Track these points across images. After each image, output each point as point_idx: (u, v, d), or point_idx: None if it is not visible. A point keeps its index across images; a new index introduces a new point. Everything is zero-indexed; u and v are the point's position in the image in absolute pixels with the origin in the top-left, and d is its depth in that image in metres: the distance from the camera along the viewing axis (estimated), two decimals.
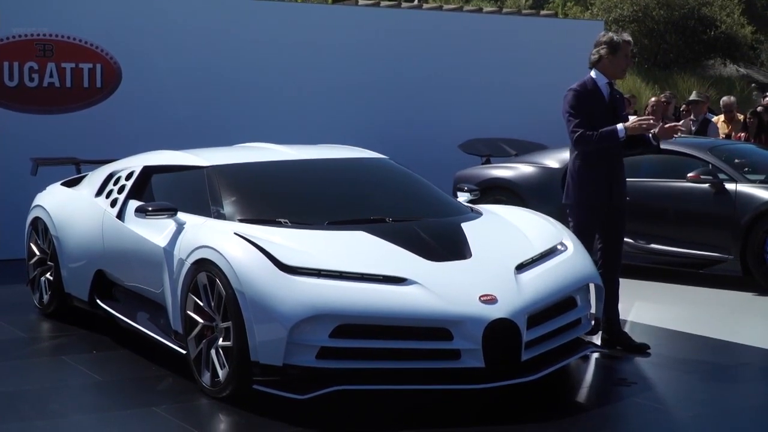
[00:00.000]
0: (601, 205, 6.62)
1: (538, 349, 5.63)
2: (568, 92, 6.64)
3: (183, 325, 5.95)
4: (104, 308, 7.14)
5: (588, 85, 6.65)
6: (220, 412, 5.50)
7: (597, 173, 6.59)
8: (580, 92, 6.61)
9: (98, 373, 6.33)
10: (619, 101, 6.74)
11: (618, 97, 6.74)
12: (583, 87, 6.64)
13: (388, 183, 7.08)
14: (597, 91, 6.61)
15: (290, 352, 5.31)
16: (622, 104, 6.82)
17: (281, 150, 7.21)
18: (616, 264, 6.70)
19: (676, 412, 5.70)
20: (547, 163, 10.36)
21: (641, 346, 6.61)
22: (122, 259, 6.92)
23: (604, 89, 6.64)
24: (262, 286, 5.40)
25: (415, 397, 5.59)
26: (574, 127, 6.55)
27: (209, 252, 5.73)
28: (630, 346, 6.61)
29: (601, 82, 6.64)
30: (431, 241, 5.94)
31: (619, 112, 6.68)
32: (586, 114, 6.56)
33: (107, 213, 7.17)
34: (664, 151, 9.64)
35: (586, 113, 6.56)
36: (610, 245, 6.68)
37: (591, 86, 6.63)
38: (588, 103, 6.57)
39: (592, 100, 6.58)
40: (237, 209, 6.33)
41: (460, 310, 5.39)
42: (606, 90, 6.64)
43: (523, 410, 5.52)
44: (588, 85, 6.65)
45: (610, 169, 6.63)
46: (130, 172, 7.33)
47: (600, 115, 6.56)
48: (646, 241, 9.57)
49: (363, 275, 5.51)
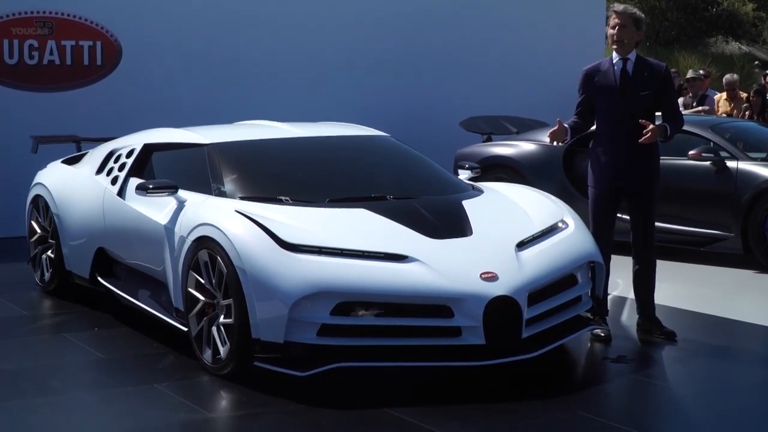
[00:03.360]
0: (611, 189, 6.47)
1: (539, 327, 5.63)
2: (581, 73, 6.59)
3: (184, 303, 5.96)
4: (105, 286, 7.15)
5: (604, 64, 6.52)
6: (221, 389, 5.51)
7: (603, 157, 6.46)
8: (587, 73, 6.53)
9: (99, 351, 6.34)
10: (641, 78, 6.40)
11: (645, 75, 6.41)
12: (594, 67, 6.54)
13: (389, 160, 7.07)
14: (609, 70, 6.46)
15: (291, 330, 5.32)
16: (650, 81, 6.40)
17: (282, 127, 7.20)
18: (646, 250, 6.56)
19: (676, 389, 5.71)
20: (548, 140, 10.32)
21: (670, 333, 6.52)
22: (123, 236, 6.92)
23: (617, 67, 6.45)
24: (263, 263, 5.40)
25: (416, 374, 5.60)
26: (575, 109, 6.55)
27: (210, 229, 5.73)
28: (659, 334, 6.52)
29: (615, 60, 6.48)
30: (432, 219, 5.94)
31: (631, 91, 6.38)
32: (591, 95, 6.49)
33: (108, 191, 7.17)
34: None
35: (589, 94, 6.49)
36: (637, 231, 6.54)
37: (606, 66, 6.50)
38: (594, 84, 6.47)
39: (602, 80, 6.45)
40: (238, 187, 6.32)
41: (461, 287, 5.40)
42: (619, 68, 6.45)
43: (523, 387, 5.53)
44: (604, 64, 6.52)
45: (621, 154, 6.41)
46: (131, 149, 7.33)
47: (605, 95, 6.44)
48: None
49: (364, 253, 5.52)
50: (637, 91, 6.42)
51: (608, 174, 6.47)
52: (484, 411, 5.12)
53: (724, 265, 9.20)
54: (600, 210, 6.53)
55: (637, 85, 6.42)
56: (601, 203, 6.53)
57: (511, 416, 5.07)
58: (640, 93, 6.41)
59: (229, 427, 5.12)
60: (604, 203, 6.53)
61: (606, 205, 6.53)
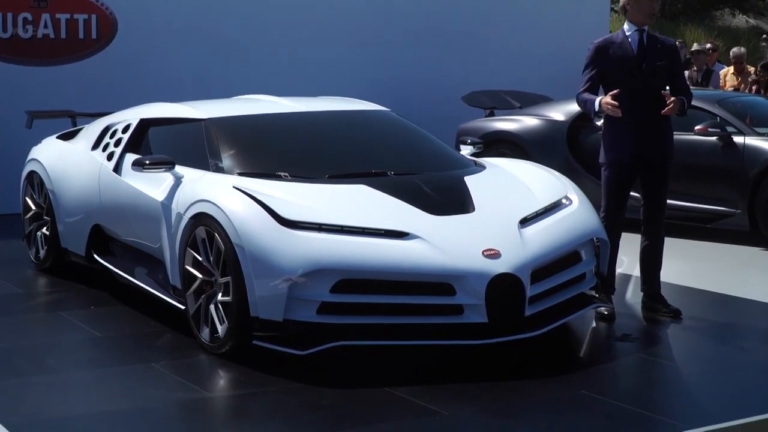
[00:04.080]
0: (632, 162, 6.45)
1: (542, 305, 5.63)
2: (589, 47, 6.49)
3: (181, 280, 5.95)
4: (101, 263, 7.15)
5: (617, 37, 6.47)
6: (219, 368, 5.51)
7: (622, 130, 6.41)
8: (599, 46, 6.45)
9: (96, 329, 6.34)
10: (652, 51, 6.42)
11: (659, 47, 6.44)
12: (606, 40, 6.48)
13: (390, 136, 7.05)
14: (624, 42, 6.42)
15: (290, 308, 5.32)
16: (658, 54, 6.43)
17: (281, 102, 7.17)
18: (657, 226, 6.56)
19: (682, 368, 5.72)
20: (552, 115, 10.32)
21: (676, 311, 6.51)
22: (119, 213, 6.91)
23: (633, 39, 6.42)
24: (262, 240, 5.39)
25: (417, 353, 5.59)
26: (581, 85, 6.48)
27: (208, 206, 5.72)
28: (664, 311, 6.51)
29: (630, 32, 6.44)
30: (434, 195, 5.93)
31: (649, 63, 6.38)
32: (606, 70, 6.41)
33: (104, 166, 7.15)
34: None
35: (605, 69, 6.41)
36: (650, 206, 6.53)
37: (619, 38, 6.44)
38: (610, 57, 6.40)
39: (617, 53, 6.40)
40: (236, 162, 6.30)
41: (463, 264, 5.39)
42: (635, 39, 6.42)
43: (526, 366, 5.53)
44: (617, 37, 6.47)
45: (643, 126, 6.37)
46: (127, 125, 7.30)
47: (623, 68, 6.38)
48: None
49: (364, 229, 5.51)
50: (654, 61, 6.42)
51: (630, 146, 6.42)
52: (486, 390, 5.12)
53: (730, 242, 9.20)
54: (617, 184, 6.49)
55: (654, 56, 6.43)
56: (618, 177, 6.48)
57: (514, 395, 5.07)
58: (656, 63, 6.42)
59: (227, 406, 5.12)
60: (622, 177, 6.48)
61: (623, 180, 6.49)
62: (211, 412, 5.02)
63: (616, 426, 4.69)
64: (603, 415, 4.83)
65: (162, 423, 4.86)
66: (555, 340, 5.90)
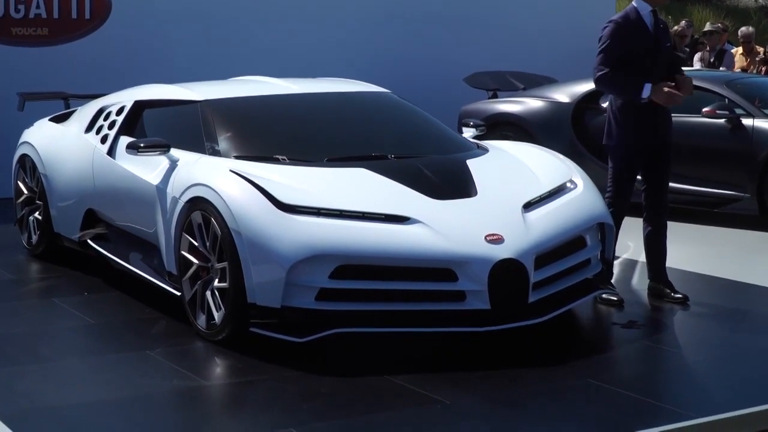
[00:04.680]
0: (645, 146, 6.43)
1: (546, 291, 5.62)
2: (608, 24, 6.39)
3: (177, 266, 5.94)
4: (95, 248, 7.13)
5: (631, 15, 6.40)
6: (215, 356, 5.51)
7: (642, 110, 6.36)
8: (620, 25, 6.35)
9: (90, 316, 6.33)
10: (662, 32, 6.46)
11: (662, 27, 6.47)
12: (625, 19, 6.39)
13: (391, 118, 7.03)
14: (640, 21, 6.37)
15: (288, 294, 5.31)
16: (666, 35, 6.51)
17: (279, 83, 7.15)
18: (662, 209, 6.56)
19: (688, 355, 5.71)
20: (557, 97, 10.29)
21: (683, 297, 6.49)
22: (113, 197, 6.91)
23: (647, 19, 6.39)
24: (259, 225, 5.39)
25: (418, 341, 5.59)
26: (600, 64, 6.34)
27: (204, 190, 5.71)
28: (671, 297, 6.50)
29: (644, 11, 6.40)
30: (435, 179, 5.92)
31: (663, 44, 6.42)
32: (625, 50, 6.33)
33: (97, 150, 7.14)
34: None
35: (624, 49, 6.33)
36: (655, 190, 6.53)
37: (634, 16, 6.39)
38: (629, 37, 6.34)
39: (635, 33, 6.35)
40: (233, 145, 6.29)
41: (465, 250, 5.38)
42: (650, 20, 6.39)
43: (529, 354, 5.53)
44: (631, 15, 6.40)
45: (656, 110, 6.35)
46: (121, 107, 7.29)
47: (642, 50, 6.35)
48: None
49: (364, 214, 5.50)
50: (664, 42, 6.44)
51: (648, 130, 6.41)
52: (489, 378, 5.11)
53: (738, 226, 9.18)
54: (629, 168, 6.47)
55: (664, 37, 6.46)
56: (631, 162, 6.46)
57: (517, 384, 5.07)
58: (666, 45, 6.45)
59: (223, 394, 5.12)
60: (634, 161, 6.46)
61: (635, 163, 6.47)
62: (207, 400, 5.02)
63: (621, 415, 4.69)
64: (608, 404, 4.82)
65: (157, 411, 4.85)
66: (559, 328, 5.89)
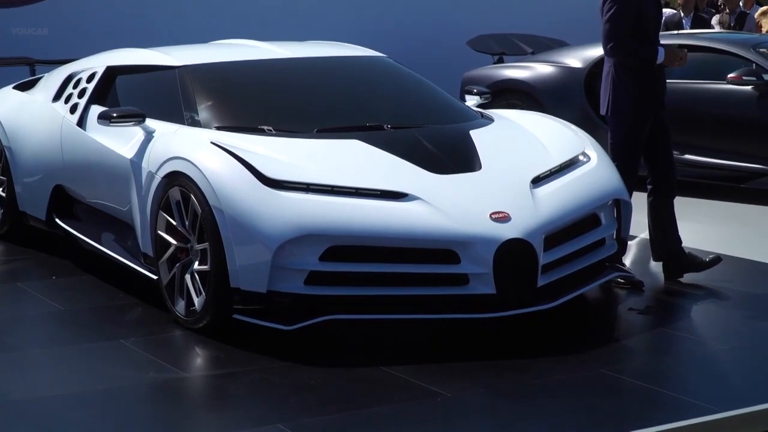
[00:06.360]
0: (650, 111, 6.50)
1: (556, 274, 5.63)
2: None
3: (153, 247, 5.94)
4: (64, 228, 7.13)
5: None
6: (196, 345, 5.52)
7: (647, 84, 6.45)
8: None
9: (58, 302, 6.34)
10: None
11: None
12: None
13: (387, 84, 7.03)
14: None
15: (275, 278, 5.31)
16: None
17: (264, 47, 7.15)
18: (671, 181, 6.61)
19: (709, 344, 5.73)
20: (568, 62, 10.27)
21: (713, 260, 6.54)
22: (84, 172, 6.90)
23: None
24: (243, 202, 5.38)
25: (416, 328, 5.61)
26: (610, 32, 6.37)
27: (182, 164, 5.70)
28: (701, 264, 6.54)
29: None
30: (435, 151, 5.92)
31: (660, 8, 6.62)
32: (635, 15, 6.37)
33: (66, 120, 7.13)
34: (700, 49, 9.56)
35: (634, 15, 6.37)
36: (662, 160, 6.59)
37: None
38: (635, 2, 6.38)
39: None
40: (214, 115, 6.29)
41: (469, 229, 5.38)
42: None
43: (538, 342, 5.54)
44: None
45: (660, 78, 6.52)
46: (92, 73, 7.27)
47: (650, 15, 6.44)
48: (679, 152, 9.48)
49: (357, 190, 5.50)
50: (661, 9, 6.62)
51: (657, 99, 6.51)
52: (493, 369, 5.12)
53: (766, 203, 9.18)
54: (638, 140, 6.51)
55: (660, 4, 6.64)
56: (641, 132, 6.51)
57: (524, 375, 5.07)
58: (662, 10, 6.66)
59: (204, 387, 5.12)
60: (643, 132, 6.52)
61: (641, 132, 6.52)
62: (186, 393, 5.02)
63: (637, 408, 4.70)
64: (623, 397, 4.84)
65: (132, 406, 4.86)
66: (570, 314, 5.90)
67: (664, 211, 6.61)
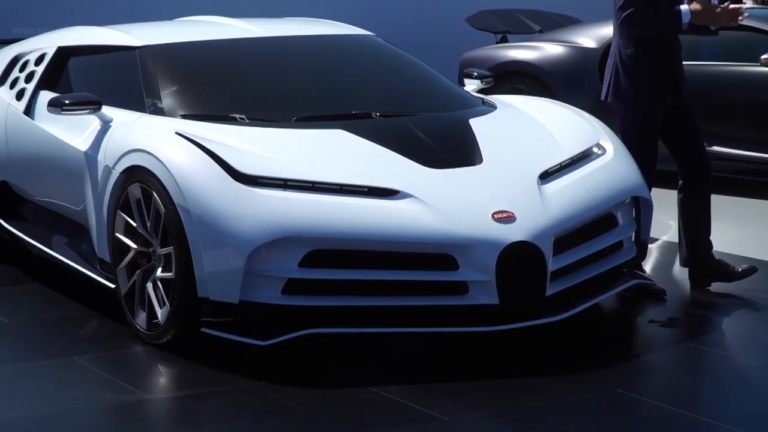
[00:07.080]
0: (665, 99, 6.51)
1: (567, 281, 5.65)
2: None
3: (111, 252, 5.94)
4: (10, 231, 7.14)
5: None
6: (159, 363, 5.53)
7: (660, 63, 6.47)
8: None
9: (4, 314, 6.34)
10: None
11: None
12: None
13: (375, 67, 7.07)
14: None
15: (249, 286, 5.32)
16: None
17: (236, 25, 7.16)
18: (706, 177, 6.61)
19: (740, 361, 5.74)
20: (580, 41, 10.29)
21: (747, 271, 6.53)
22: (32, 167, 6.92)
23: None
24: (212, 200, 5.39)
25: (408, 344, 5.63)
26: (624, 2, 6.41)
27: (143, 157, 5.71)
28: (733, 274, 6.54)
29: None
30: (430, 143, 5.94)
31: None
32: None
33: (12, 108, 7.15)
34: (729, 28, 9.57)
35: None
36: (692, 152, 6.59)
37: None
38: None
39: None
40: (179, 102, 6.31)
41: (468, 230, 5.39)
42: None
43: (545, 359, 5.55)
44: None
45: (675, 57, 6.52)
46: (41, 54, 7.29)
47: None
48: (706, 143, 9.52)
49: (342, 186, 5.51)
50: None
51: (668, 84, 6.51)
52: (496, 390, 5.12)
53: None
54: (652, 128, 6.53)
55: None
56: (654, 119, 6.52)
57: (531, 396, 5.07)
58: None
59: (168, 410, 5.12)
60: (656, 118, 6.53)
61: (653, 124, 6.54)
62: (148, 417, 5.01)
63: None
64: (643, 420, 4.84)
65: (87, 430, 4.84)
66: (583, 327, 5.92)
67: (698, 212, 6.61)
